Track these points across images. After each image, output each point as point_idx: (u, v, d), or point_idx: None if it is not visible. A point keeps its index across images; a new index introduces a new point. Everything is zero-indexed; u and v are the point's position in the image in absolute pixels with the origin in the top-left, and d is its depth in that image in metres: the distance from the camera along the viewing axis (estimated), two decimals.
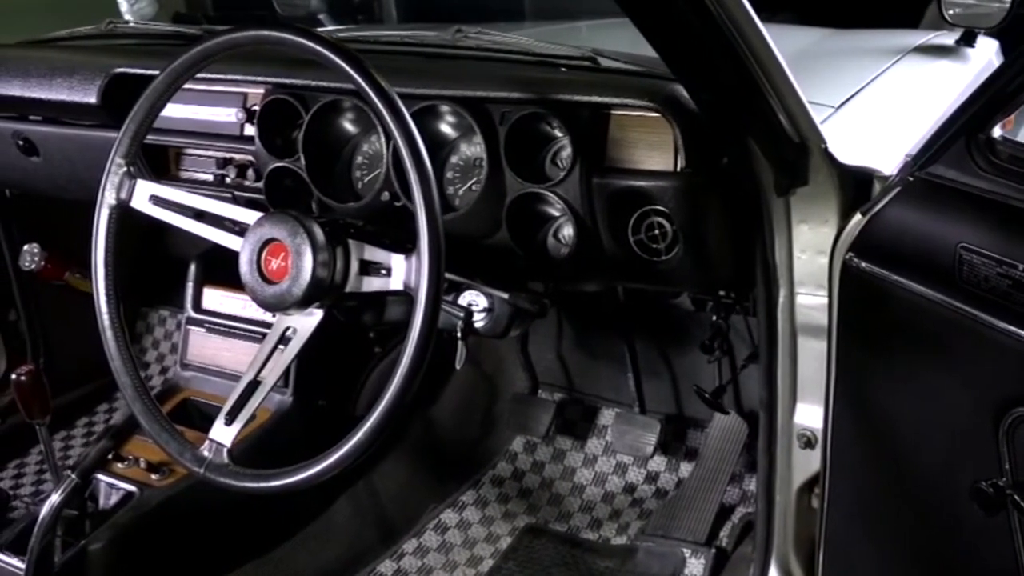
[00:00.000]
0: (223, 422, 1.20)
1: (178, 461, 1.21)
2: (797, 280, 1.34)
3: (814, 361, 1.36)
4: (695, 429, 1.95)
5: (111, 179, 1.29)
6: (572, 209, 1.29)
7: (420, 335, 1.04)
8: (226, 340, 1.80)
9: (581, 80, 1.32)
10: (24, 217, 2.29)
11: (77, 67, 1.69)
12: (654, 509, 1.89)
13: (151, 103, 1.26)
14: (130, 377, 1.26)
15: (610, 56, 1.44)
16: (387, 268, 1.11)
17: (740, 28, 1.04)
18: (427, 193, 1.04)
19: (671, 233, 1.28)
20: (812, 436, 1.41)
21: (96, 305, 1.29)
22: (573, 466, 2.02)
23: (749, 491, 1.84)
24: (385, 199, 1.40)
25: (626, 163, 1.29)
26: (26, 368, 1.44)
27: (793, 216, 1.30)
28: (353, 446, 1.08)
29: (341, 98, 1.43)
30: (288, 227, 1.17)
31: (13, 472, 2.23)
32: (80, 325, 2.46)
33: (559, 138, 1.35)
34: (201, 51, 1.21)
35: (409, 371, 1.05)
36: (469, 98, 1.33)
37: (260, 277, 1.19)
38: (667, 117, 1.23)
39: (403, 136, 1.06)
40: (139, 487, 1.58)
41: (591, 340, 2.07)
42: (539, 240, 1.38)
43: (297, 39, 1.12)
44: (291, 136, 1.56)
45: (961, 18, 2.06)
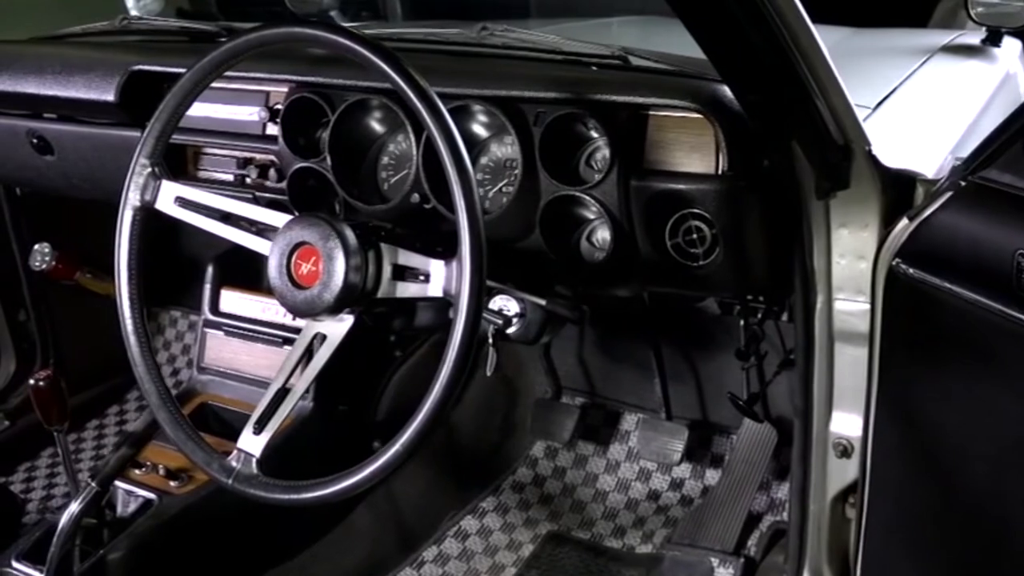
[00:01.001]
0: (251, 431, 1.17)
1: (205, 471, 1.17)
2: (835, 285, 1.30)
3: (852, 368, 1.33)
4: (721, 435, 1.91)
5: (135, 180, 1.25)
6: (609, 212, 1.25)
7: (461, 343, 1.01)
8: (245, 344, 1.76)
9: (618, 80, 1.29)
10: (34, 216, 2.25)
11: (94, 64, 1.65)
12: (680, 517, 1.85)
13: (177, 102, 1.22)
14: (154, 384, 1.22)
15: (640, 55, 1.41)
16: (424, 273, 1.08)
17: (791, 28, 1.01)
18: (469, 197, 1.01)
19: (709, 237, 1.25)
20: (848, 445, 1.38)
21: (119, 310, 1.25)
22: (595, 472, 1.99)
23: (777, 499, 1.81)
24: (415, 201, 1.36)
25: (665, 165, 1.25)
26: (44, 373, 1.40)
27: (832, 220, 1.27)
28: (390, 458, 1.05)
29: (369, 97, 1.39)
30: (319, 230, 1.13)
31: (24, 476, 2.20)
32: (91, 326, 2.44)
33: (595, 139, 1.31)
34: (230, 49, 1.17)
35: (450, 380, 1.01)
36: (503, 98, 1.29)
37: (290, 282, 1.15)
38: (710, 119, 1.20)
39: (444, 137, 1.02)
40: (158, 494, 1.54)
41: (613, 343, 2.03)
42: (572, 243, 1.35)
43: (332, 36, 1.08)
44: (315, 136, 1.53)
45: (986, 17, 2.03)
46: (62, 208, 2.26)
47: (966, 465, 1.18)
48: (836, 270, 1.29)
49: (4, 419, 2.27)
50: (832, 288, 1.30)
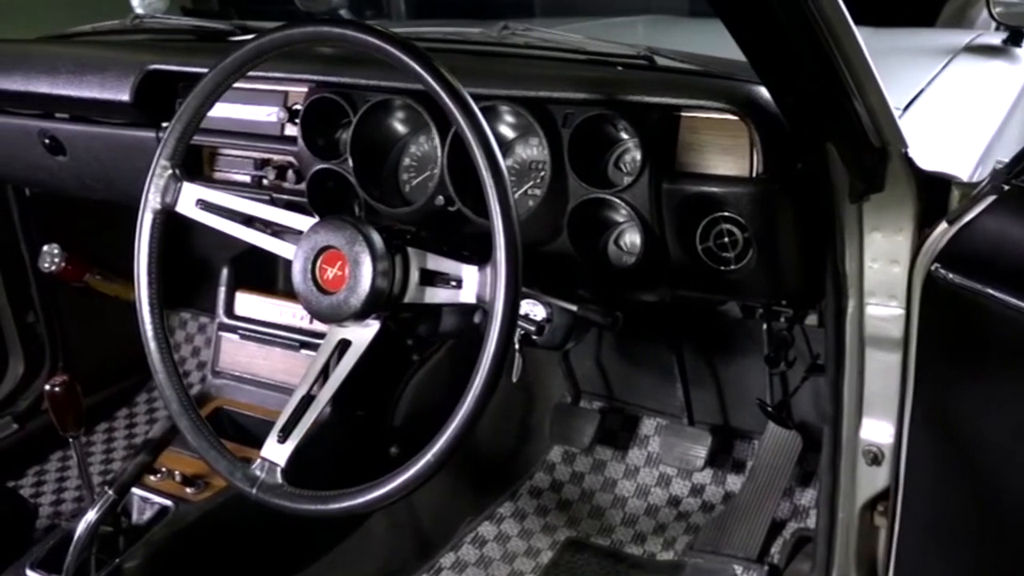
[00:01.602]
0: (275, 439, 1.14)
1: (228, 481, 1.15)
2: (867, 290, 1.28)
3: (883, 374, 1.30)
4: (742, 441, 1.89)
5: (155, 182, 1.22)
6: (639, 215, 1.23)
7: (495, 352, 0.98)
8: (261, 348, 1.74)
9: (648, 80, 1.26)
10: (44, 217, 2.22)
11: (108, 63, 1.63)
12: (701, 523, 1.82)
13: (199, 102, 1.19)
14: (175, 390, 1.20)
15: (666, 55, 1.38)
16: (456, 279, 1.05)
17: (833, 28, 0.99)
18: (504, 201, 0.98)
19: (741, 241, 1.22)
20: (879, 452, 1.36)
21: (139, 314, 1.22)
22: (614, 477, 1.96)
23: (801, 505, 1.78)
24: (439, 204, 1.33)
25: (697, 168, 1.22)
26: (60, 379, 1.38)
27: (865, 224, 1.24)
28: (421, 468, 1.02)
29: (392, 97, 1.37)
30: (346, 234, 1.11)
31: (33, 480, 2.17)
32: (100, 328, 2.41)
33: (624, 141, 1.29)
34: (254, 48, 1.14)
35: (484, 389, 0.99)
36: (531, 98, 1.27)
37: (315, 287, 1.13)
38: (745, 120, 1.17)
39: (478, 140, 1.00)
40: (174, 501, 1.51)
41: (631, 347, 2.00)
42: (600, 247, 1.32)
43: (361, 36, 1.05)
44: (334, 136, 1.50)
45: (1008, 16, 2.01)
46: (72, 209, 2.23)
47: (1006, 473, 1.15)
48: (868, 274, 1.27)
49: (12, 422, 2.24)
50: (864, 293, 1.28)
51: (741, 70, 1.32)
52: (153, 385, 2.47)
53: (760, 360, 1.83)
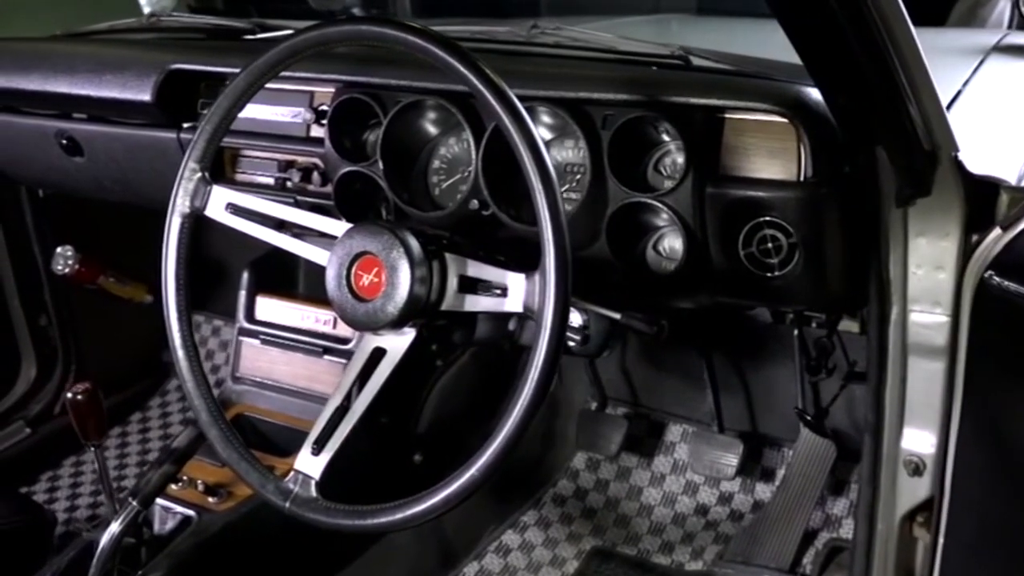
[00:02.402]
0: (310, 451, 1.11)
1: (260, 494, 1.11)
2: (911, 297, 1.24)
3: (926, 383, 1.27)
4: (772, 448, 1.85)
5: (184, 185, 1.19)
6: (682, 220, 1.19)
7: (545, 362, 0.94)
8: (283, 353, 1.70)
9: (691, 81, 1.22)
10: (57, 218, 2.19)
11: (128, 63, 1.59)
12: (730, 532, 1.79)
13: (230, 103, 1.16)
14: (204, 400, 1.16)
15: (700, 54, 1.35)
16: (501, 287, 1.01)
17: (891, 28, 0.95)
18: (554, 207, 0.95)
19: (786, 247, 1.19)
20: (921, 462, 1.32)
21: (166, 321, 1.19)
22: (640, 485, 1.92)
23: (833, 515, 1.74)
24: (474, 207, 1.30)
25: (742, 171, 1.19)
26: (82, 386, 1.34)
27: (910, 229, 1.21)
28: (466, 482, 0.99)
29: (424, 98, 1.33)
30: (382, 240, 1.07)
31: (46, 486, 2.14)
32: (113, 331, 2.38)
33: (665, 143, 1.25)
34: (288, 47, 1.11)
35: (532, 400, 0.95)
36: (570, 99, 1.23)
37: (350, 294, 1.09)
38: (794, 123, 1.13)
39: (526, 144, 0.96)
40: (197, 511, 1.48)
41: (655, 351, 1.97)
42: (638, 253, 1.29)
43: (401, 34, 1.02)
44: (361, 138, 1.47)
45: None
46: (85, 210, 2.19)
47: None
48: (912, 281, 1.23)
49: (25, 427, 2.21)
50: (907, 299, 1.24)
51: (778, 70, 1.29)
52: (167, 389, 2.44)
53: (790, 366, 1.80)
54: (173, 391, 2.43)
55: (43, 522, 1.49)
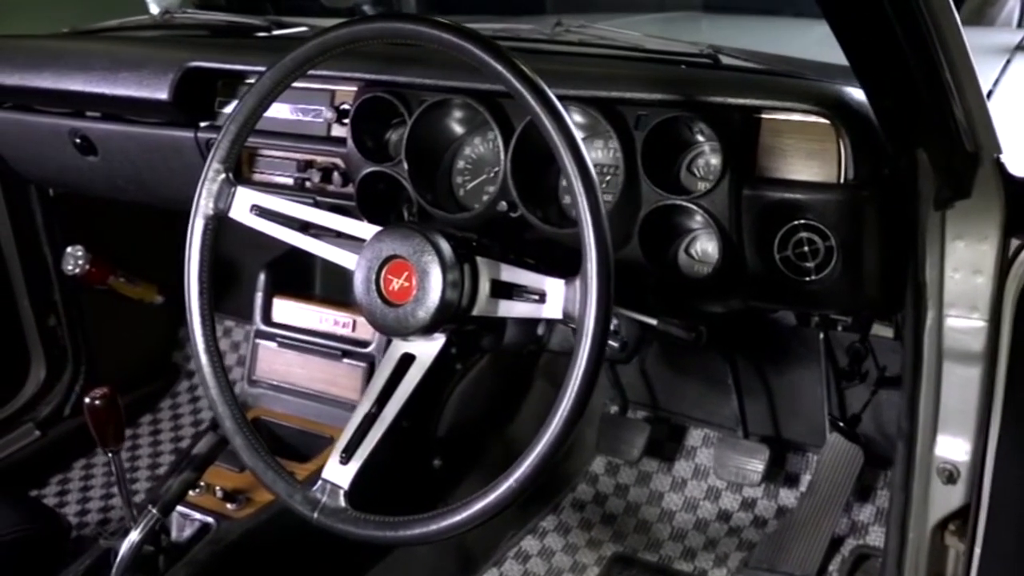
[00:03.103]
0: (338, 460, 1.08)
1: (287, 503, 1.08)
2: (947, 301, 1.21)
3: (961, 389, 1.24)
4: (796, 453, 1.82)
5: (207, 186, 1.15)
6: (718, 223, 1.16)
7: (586, 371, 0.91)
8: (300, 356, 1.67)
9: (728, 81, 1.20)
10: (66, 217, 2.16)
11: (145, 60, 1.56)
12: (754, 539, 1.76)
13: (256, 102, 1.13)
14: (228, 407, 1.14)
15: (730, 53, 1.32)
16: (539, 292, 0.98)
17: (940, 28, 0.93)
18: (596, 211, 0.92)
19: (823, 250, 1.16)
20: (955, 470, 1.29)
21: (189, 326, 1.16)
22: (660, 490, 1.89)
23: (859, 521, 1.72)
24: (502, 209, 1.27)
25: (779, 173, 1.16)
26: (100, 391, 1.31)
27: (948, 232, 1.18)
28: (504, 492, 0.96)
29: (450, 97, 1.30)
30: (413, 243, 1.04)
31: (56, 489, 2.11)
32: (123, 332, 2.35)
33: (699, 144, 1.22)
34: (317, 45, 1.08)
35: (573, 409, 0.93)
36: (602, 99, 1.20)
37: (379, 298, 1.06)
38: (835, 124, 1.10)
39: (567, 146, 0.93)
40: (215, 518, 1.45)
41: (676, 354, 1.94)
42: (670, 256, 1.26)
43: (436, 32, 0.99)
44: (383, 137, 1.44)
45: None
46: (96, 209, 2.16)
47: None
48: (949, 285, 1.20)
49: (34, 429, 2.17)
50: (943, 304, 1.22)
51: (809, 69, 1.27)
52: (177, 390, 2.41)
53: (815, 370, 1.77)
54: (184, 392, 2.40)
55: (58, 529, 1.46)
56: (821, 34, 1.05)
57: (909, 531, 1.35)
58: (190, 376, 2.43)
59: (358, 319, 1.63)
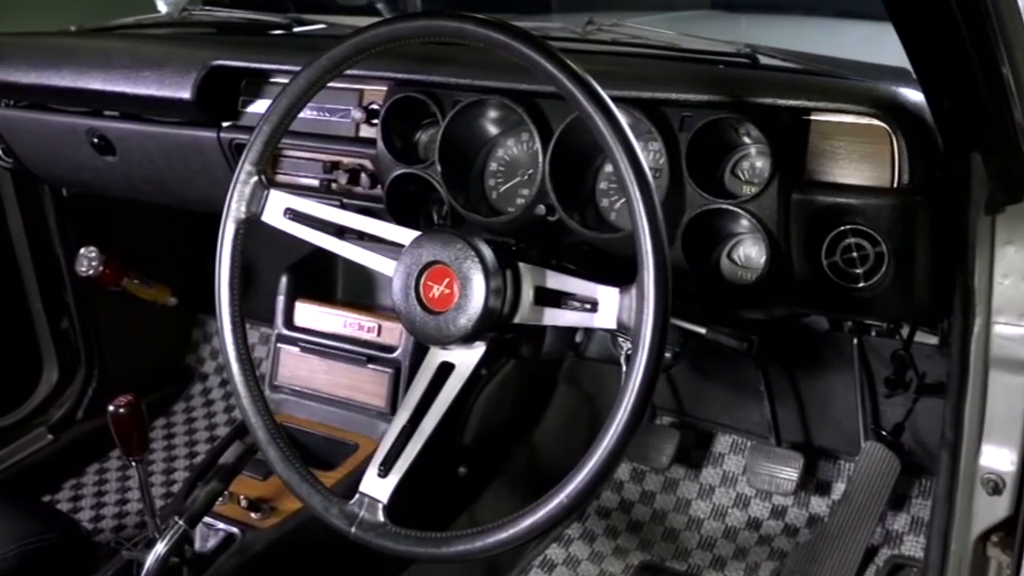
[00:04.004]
0: (376, 473, 1.05)
1: (323, 518, 1.05)
2: (995, 308, 1.18)
3: (1007, 398, 1.20)
4: (827, 461, 1.78)
5: (239, 189, 1.12)
6: (765, 228, 1.13)
7: (643, 386, 0.88)
8: (323, 361, 1.63)
9: (776, 81, 1.16)
10: (80, 218, 2.12)
11: (166, 59, 1.52)
12: (785, 548, 1.73)
13: (290, 103, 1.09)
14: (261, 417, 1.10)
15: (767, 52, 1.28)
16: (589, 301, 0.95)
17: (1004, 26, 0.89)
18: (653, 217, 0.88)
19: (872, 256, 1.12)
20: (1000, 480, 1.26)
21: (220, 334, 1.12)
22: (687, 497, 1.86)
23: (894, 530, 1.68)
24: (540, 213, 1.24)
25: (829, 176, 1.12)
26: (124, 399, 1.28)
27: (998, 237, 1.15)
28: (554, 508, 0.93)
29: (487, 97, 1.26)
30: (454, 249, 1.01)
31: (70, 495, 2.08)
32: (136, 334, 2.31)
33: (745, 146, 1.19)
34: (356, 44, 1.04)
35: (628, 425, 0.89)
36: (646, 100, 1.16)
37: (419, 305, 1.03)
38: (890, 126, 1.07)
39: (624, 149, 0.90)
40: (240, 528, 1.41)
41: (702, 359, 1.90)
42: (712, 261, 1.22)
43: (483, 30, 0.95)
44: (413, 138, 1.40)
45: None
46: (109, 210, 2.13)
47: None
48: (998, 291, 1.17)
49: (47, 433, 2.14)
50: (992, 311, 1.18)
51: (850, 69, 1.23)
52: (191, 393, 2.38)
53: (846, 375, 1.74)
54: (197, 396, 2.36)
55: (77, 538, 1.42)
56: (842, 32, 1.02)
57: (951, 542, 1.31)
58: (204, 379, 2.40)
59: (383, 323, 1.60)
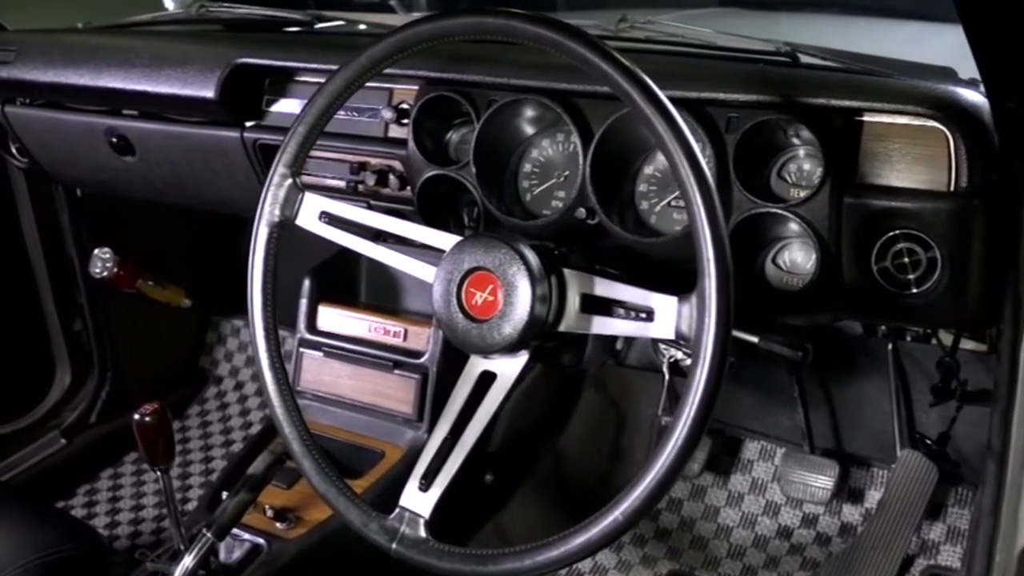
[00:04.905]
0: (417, 487, 1.01)
1: (361, 533, 1.01)
2: None
3: None
4: (859, 468, 1.75)
5: (272, 192, 1.08)
6: (816, 233, 1.09)
7: (704, 399, 0.85)
8: (348, 366, 1.59)
9: (830, 81, 1.12)
10: (94, 219, 2.08)
11: (189, 57, 1.48)
12: (817, 557, 1.69)
13: (327, 102, 1.06)
14: (296, 428, 1.06)
15: (806, 51, 1.25)
16: (644, 310, 0.91)
17: None
18: (715, 223, 0.85)
19: (925, 262, 1.09)
20: None
21: (253, 342, 1.09)
22: (716, 505, 1.82)
23: (930, 540, 1.64)
24: (580, 216, 1.20)
25: (882, 179, 1.09)
26: (150, 407, 1.24)
27: None
28: (608, 526, 0.89)
29: (524, 97, 1.23)
30: (498, 254, 0.97)
31: (84, 500, 2.04)
32: (150, 337, 2.27)
33: (793, 148, 1.15)
34: (397, 42, 1.01)
35: (688, 441, 0.86)
36: (692, 100, 1.13)
37: (461, 313, 0.99)
38: (948, 127, 1.03)
39: (685, 154, 0.86)
40: (266, 539, 1.37)
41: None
42: (757, 267, 1.19)
43: (532, 28, 0.92)
44: (444, 139, 1.37)
45: None
46: (122, 211, 2.09)
47: None
48: None
49: (60, 437, 2.10)
50: None
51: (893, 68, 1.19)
52: (205, 397, 2.34)
53: (879, 381, 1.71)
54: (212, 399, 2.33)
55: (99, 549, 1.38)
56: (865, 30, 0.97)
57: (996, 553, 1.28)
58: (218, 382, 2.36)
59: (410, 328, 1.56)
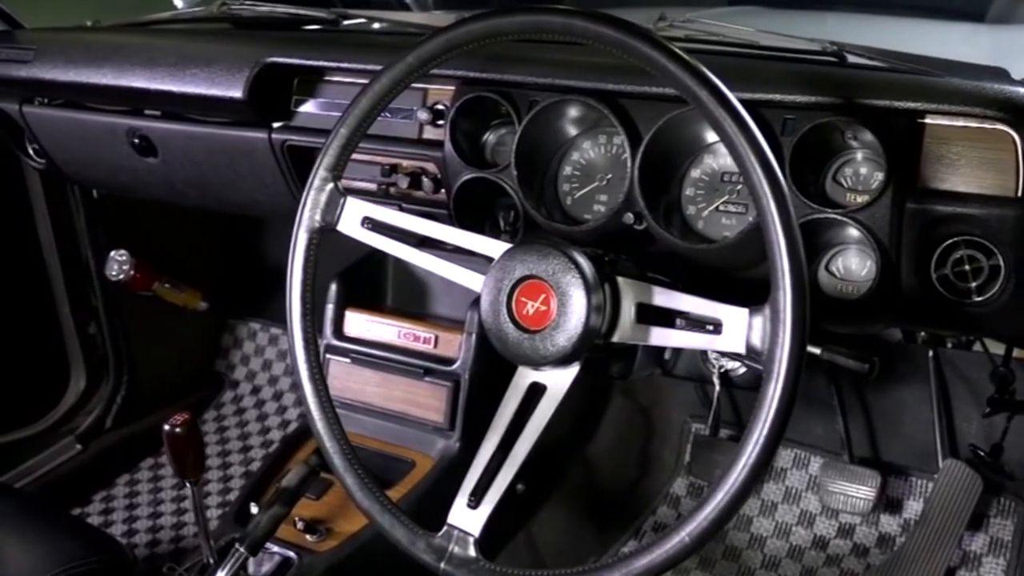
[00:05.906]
0: (466, 503, 0.98)
1: (408, 552, 0.98)
2: None
3: None
4: (898, 478, 1.71)
5: (313, 196, 1.05)
6: (877, 240, 1.05)
7: (777, 415, 0.80)
8: (376, 374, 1.55)
9: (891, 82, 1.08)
10: (110, 221, 2.04)
11: (215, 56, 1.44)
12: (855, 569, 1.65)
13: (371, 104, 1.01)
14: (338, 442, 1.03)
15: (853, 50, 1.21)
16: (712, 322, 0.87)
17: None
18: (790, 234, 0.81)
19: (987, 269, 1.05)
20: None
21: (291, 352, 1.05)
22: (749, 514, 1.79)
23: (971, 552, 1.61)
24: (627, 221, 1.16)
25: (944, 184, 1.05)
26: (180, 418, 1.20)
27: None
28: (674, 547, 0.85)
29: (568, 97, 1.19)
30: (551, 262, 0.94)
31: (100, 507, 2.00)
32: (166, 340, 2.23)
33: (850, 151, 1.11)
34: (447, 41, 0.96)
35: (760, 459, 0.81)
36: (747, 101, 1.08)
37: (511, 323, 0.95)
38: (1018, 130, 0.99)
39: (758, 159, 0.82)
40: (296, 552, 1.34)
41: None
42: (810, 275, 1.15)
43: (594, 26, 0.88)
44: (480, 140, 1.33)
45: None
46: (138, 212, 2.05)
47: None
48: None
49: (75, 443, 2.06)
50: None
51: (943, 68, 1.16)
52: (222, 401, 2.30)
53: (919, 389, 1.67)
54: (229, 404, 2.29)
55: (124, 562, 1.34)
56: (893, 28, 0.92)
57: None
58: (235, 386, 2.32)
59: (440, 334, 1.52)
